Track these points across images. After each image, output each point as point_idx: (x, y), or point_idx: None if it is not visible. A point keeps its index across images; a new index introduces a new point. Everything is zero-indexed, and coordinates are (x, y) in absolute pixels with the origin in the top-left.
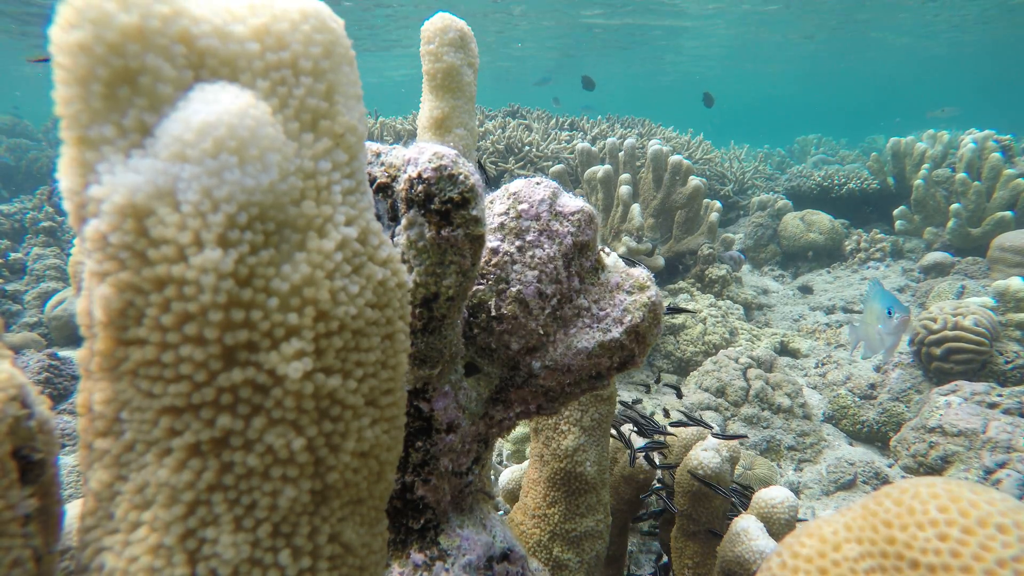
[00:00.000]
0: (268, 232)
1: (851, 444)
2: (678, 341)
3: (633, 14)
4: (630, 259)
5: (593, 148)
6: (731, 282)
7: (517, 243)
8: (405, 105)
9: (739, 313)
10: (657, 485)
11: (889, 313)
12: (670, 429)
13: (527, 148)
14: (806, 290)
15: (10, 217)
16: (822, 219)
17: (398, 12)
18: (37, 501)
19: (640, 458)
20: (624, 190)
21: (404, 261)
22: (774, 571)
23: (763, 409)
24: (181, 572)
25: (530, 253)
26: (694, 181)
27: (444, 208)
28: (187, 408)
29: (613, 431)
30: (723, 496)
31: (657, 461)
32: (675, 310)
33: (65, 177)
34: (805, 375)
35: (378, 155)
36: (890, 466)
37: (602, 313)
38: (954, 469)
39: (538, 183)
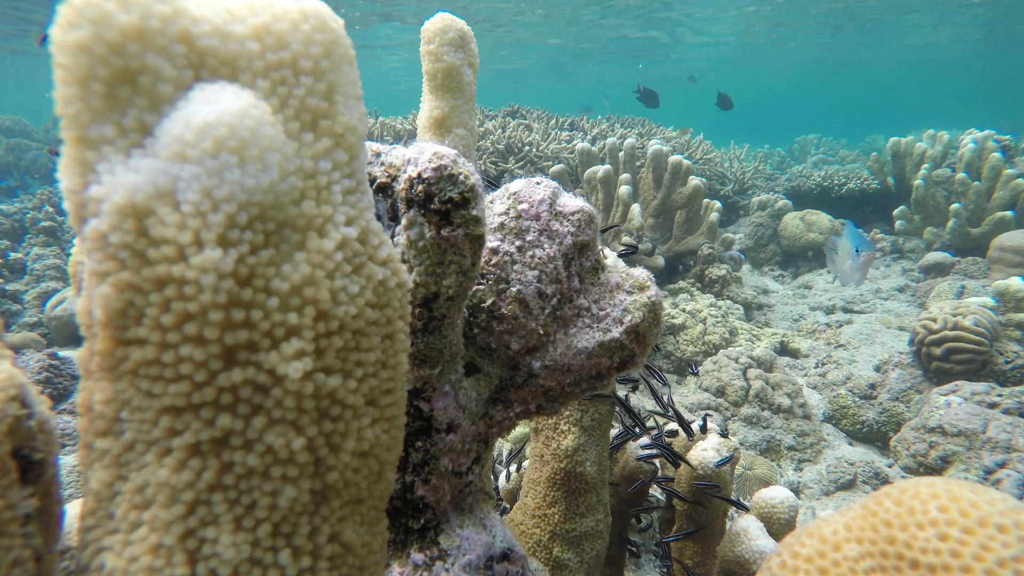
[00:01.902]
0: (268, 232)
1: (851, 444)
2: (678, 341)
3: (632, 12)
4: (629, 247)
5: (593, 148)
6: (731, 282)
7: (517, 243)
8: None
9: (739, 313)
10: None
11: (857, 251)
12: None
13: (527, 148)
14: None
15: (10, 217)
16: (822, 219)
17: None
18: (37, 501)
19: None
20: (624, 190)
21: (404, 261)
22: (774, 571)
23: (763, 409)
24: (181, 572)
25: (530, 253)
26: (694, 181)
27: (444, 208)
28: (187, 408)
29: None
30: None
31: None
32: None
33: (65, 177)
34: (805, 375)
35: (378, 155)
36: (890, 466)
37: (602, 313)
38: (954, 469)
39: (538, 183)
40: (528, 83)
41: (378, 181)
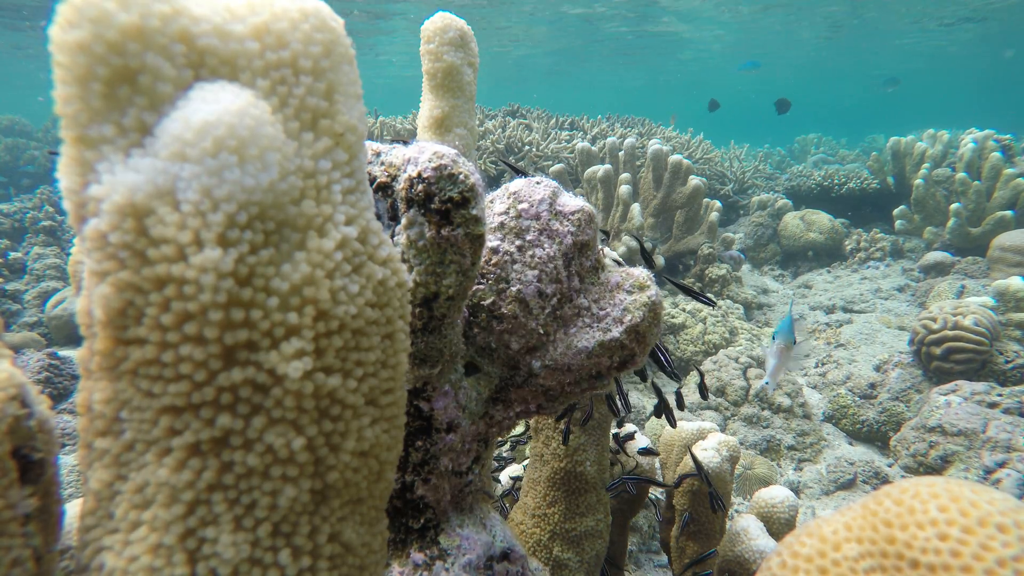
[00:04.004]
0: (268, 231)
1: (851, 444)
2: (678, 341)
3: (632, 11)
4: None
5: (593, 148)
6: (731, 282)
7: (517, 242)
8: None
9: (739, 313)
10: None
11: (773, 338)
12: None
13: (527, 148)
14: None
15: (10, 216)
16: (822, 219)
17: None
18: (37, 501)
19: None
20: (624, 190)
21: (404, 260)
22: (774, 570)
23: (763, 409)
24: (181, 572)
25: (530, 252)
26: (694, 181)
27: (444, 207)
28: (187, 407)
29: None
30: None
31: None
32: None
33: (65, 176)
34: (805, 375)
35: (378, 154)
36: (890, 466)
37: (602, 312)
38: (954, 469)
39: (538, 182)
40: (526, 82)
41: (378, 181)
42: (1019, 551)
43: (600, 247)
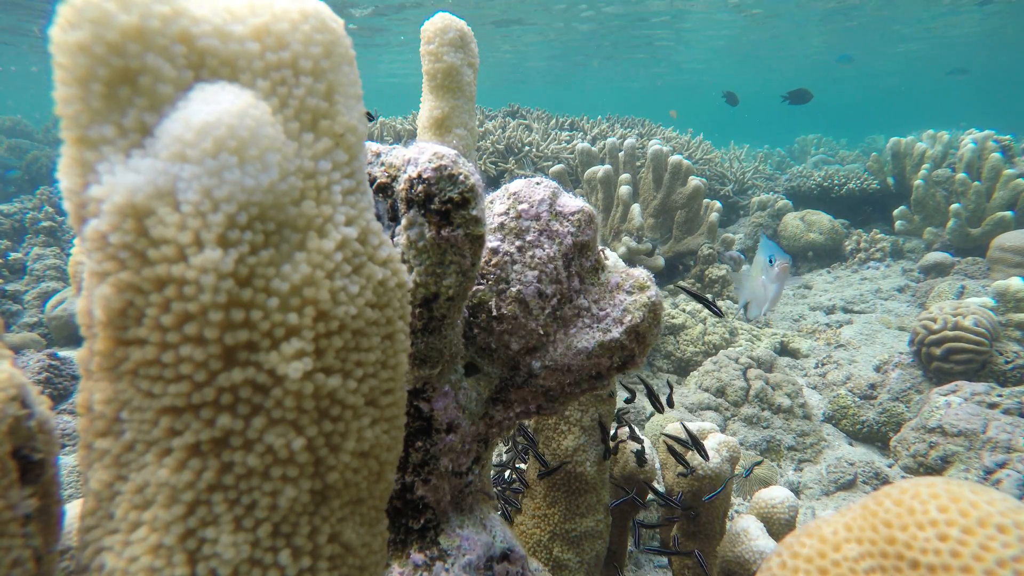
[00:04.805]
0: (268, 232)
1: (851, 444)
2: (678, 341)
3: (633, 13)
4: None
5: (593, 148)
6: (731, 282)
7: (517, 243)
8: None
9: (739, 313)
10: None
11: (771, 262)
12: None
13: (527, 148)
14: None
15: (10, 217)
16: (822, 219)
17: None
18: (37, 501)
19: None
20: (624, 190)
21: (404, 261)
22: (774, 571)
23: (763, 409)
24: (181, 572)
25: (530, 253)
26: (694, 181)
27: (444, 208)
28: (187, 408)
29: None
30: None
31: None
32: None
33: (65, 177)
34: (805, 375)
35: (378, 155)
36: (890, 466)
37: (602, 313)
38: (954, 469)
39: (538, 183)
40: (529, 80)
41: (378, 181)
42: (1019, 552)
43: (600, 247)
